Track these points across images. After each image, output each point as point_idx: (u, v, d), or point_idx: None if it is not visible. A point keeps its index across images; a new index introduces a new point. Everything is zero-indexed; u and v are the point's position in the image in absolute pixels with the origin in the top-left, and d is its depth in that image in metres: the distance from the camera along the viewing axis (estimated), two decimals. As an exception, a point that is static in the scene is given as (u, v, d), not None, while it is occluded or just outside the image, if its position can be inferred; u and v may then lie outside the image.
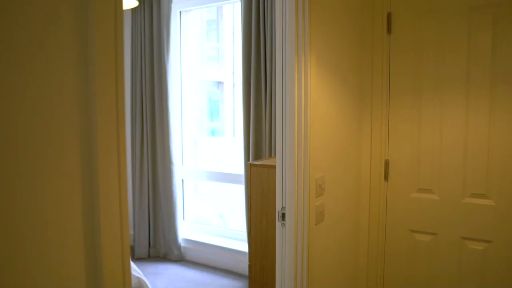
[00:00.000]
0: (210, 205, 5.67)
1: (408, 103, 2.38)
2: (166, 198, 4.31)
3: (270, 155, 3.40)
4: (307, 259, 1.83)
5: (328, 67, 2.02)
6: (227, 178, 4.15)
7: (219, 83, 9.53)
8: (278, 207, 1.85)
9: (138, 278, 2.39)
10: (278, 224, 1.86)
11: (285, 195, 1.83)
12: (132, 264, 2.82)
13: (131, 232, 4.69)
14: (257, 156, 3.60)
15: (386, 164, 2.45)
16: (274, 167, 2.44)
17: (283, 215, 1.84)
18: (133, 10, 4.30)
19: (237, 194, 4.48)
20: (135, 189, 4.44)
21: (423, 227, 2.38)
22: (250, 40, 3.60)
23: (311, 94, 1.85)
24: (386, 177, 2.45)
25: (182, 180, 4.55)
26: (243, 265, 3.88)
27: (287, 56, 1.80)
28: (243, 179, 3.78)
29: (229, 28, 6.48)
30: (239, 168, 4.18)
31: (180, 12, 4.34)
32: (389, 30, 2.41)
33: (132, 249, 4.50)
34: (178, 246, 4.31)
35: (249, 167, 2.71)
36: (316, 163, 1.92)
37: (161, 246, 4.42)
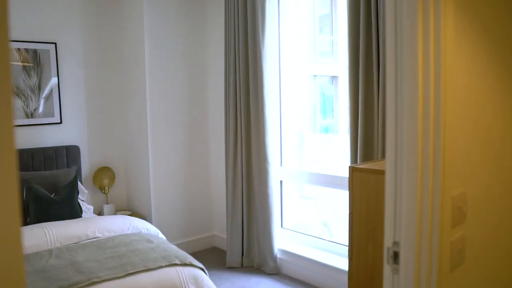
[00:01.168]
0: (314, 211, 5.03)
1: None
2: (261, 201, 3.78)
3: (383, 156, 2.66)
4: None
5: (477, 22, 1.27)
6: (333, 182, 3.48)
7: (333, 78, 8.76)
8: (387, 242, 1.17)
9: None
10: (387, 268, 1.17)
11: (400, 223, 1.14)
12: (210, 283, 2.32)
13: (224, 236, 4.27)
14: (367, 157, 2.88)
15: None
16: (384, 172, 1.72)
17: (396, 255, 1.15)
18: (229, -10, 3.85)
19: (346, 200, 3.78)
20: (228, 190, 4.00)
21: None
22: (358, 23, 2.89)
23: (447, 64, 1.13)
24: None
25: (281, 181, 3.99)
26: (348, 289, 3.19)
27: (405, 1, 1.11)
28: (349, 184, 3.08)
29: (343, 20, 5.69)
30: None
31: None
32: None
33: (224, 255, 4.07)
34: (274, 258, 3.76)
35: (350, 172, 2.03)
36: (453, 173, 1.19)
37: (255, 255, 3.92)
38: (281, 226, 4.02)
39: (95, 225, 2.98)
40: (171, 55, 4.19)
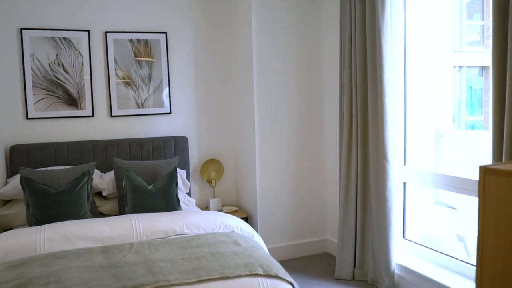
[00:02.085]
0: (449, 222, 4.19)
1: None
2: (378, 206, 3.20)
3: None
4: None
5: None
6: (471, 187, 2.74)
7: (483, 69, 7.49)
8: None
9: None
10: None
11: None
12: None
13: (335, 241, 3.77)
14: (516, 157, 2.14)
15: None
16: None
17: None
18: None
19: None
20: (341, 190, 3.49)
21: None
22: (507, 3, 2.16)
23: None
24: None
25: (404, 183, 3.35)
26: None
27: None
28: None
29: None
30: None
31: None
32: None
33: (333, 263, 3.58)
34: (391, 274, 3.15)
35: (482, 174, 1.40)
36: None
37: (369, 268, 3.35)
38: (403, 237, 3.37)
39: (184, 221, 2.76)
40: (281, 46, 3.83)
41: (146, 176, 3.27)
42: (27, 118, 3.52)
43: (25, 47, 3.48)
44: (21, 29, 3.47)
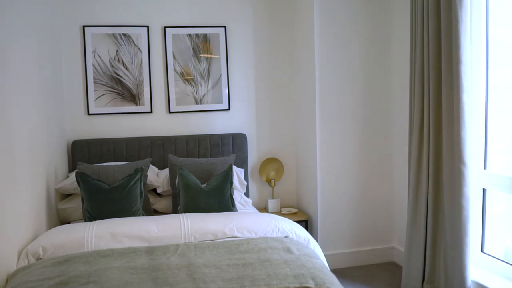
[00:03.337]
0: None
1: None
2: (452, 214, 2.84)
3: None
4: None
5: None
6: None
7: None
8: None
9: None
10: None
11: None
12: None
13: (403, 250, 3.44)
14: None
15: None
16: None
17: None
18: None
19: None
20: (410, 195, 3.17)
21: None
22: None
23: None
24: None
25: (483, 190, 2.95)
26: None
27: None
28: None
29: None
30: None
31: None
32: None
33: (399, 274, 3.26)
34: (466, 292, 2.79)
35: None
36: None
37: (440, 284, 2.99)
38: (481, 251, 2.98)
39: (235, 223, 2.61)
40: (345, 40, 3.57)
41: (200, 174, 3.18)
42: (88, 113, 3.58)
43: (87, 44, 3.53)
44: (84, 26, 3.52)
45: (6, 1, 2.32)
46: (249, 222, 2.65)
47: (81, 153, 3.47)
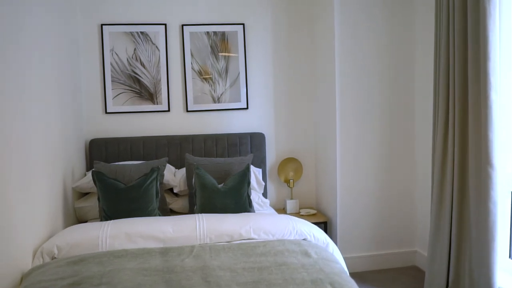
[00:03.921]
0: None
1: None
2: (479, 218, 2.71)
3: None
4: None
5: None
6: None
7: None
8: None
9: None
10: None
11: None
12: None
13: (425, 254, 3.32)
14: None
15: None
16: None
17: None
18: None
19: None
20: (433, 198, 3.05)
21: None
22: None
23: None
24: None
25: (512, 193, 2.82)
26: None
27: None
28: None
29: None
30: None
31: None
32: None
33: (422, 279, 3.14)
34: (493, 301, 2.66)
35: None
36: None
37: (465, 290, 2.87)
38: (509, 257, 2.85)
39: (252, 224, 2.55)
40: (365, 37, 3.47)
41: (217, 174, 3.12)
42: (106, 112, 3.57)
43: (105, 43, 3.52)
44: (102, 24, 3.51)
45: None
46: (266, 223, 2.58)
47: (99, 151, 3.47)
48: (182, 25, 3.63)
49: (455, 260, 2.91)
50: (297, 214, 3.67)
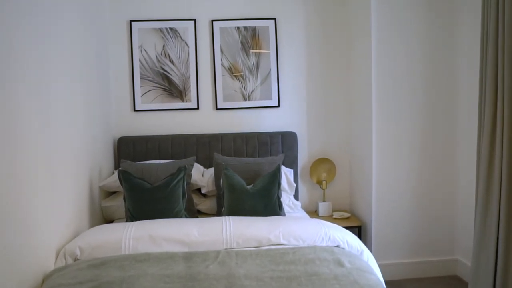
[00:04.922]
0: None
1: None
2: (530, 228, 2.48)
3: None
4: None
5: None
6: None
7: None
8: None
9: None
10: None
11: None
12: None
13: (468, 263, 3.09)
14: None
15: None
16: None
17: None
18: None
19: None
20: (478, 204, 2.83)
21: None
22: None
23: None
24: None
25: None
26: None
27: None
28: None
29: None
30: None
31: None
32: None
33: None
34: (545, 318, 2.42)
35: None
36: None
37: (513, 302, 2.64)
38: None
39: (282, 229, 2.41)
40: (404, 34, 3.27)
41: (247, 175, 3.00)
42: (135, 110, 3.51)
43: (134, 39, 3.46)
44: (131, 21, 3.45)
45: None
46: (296, 228, 2.44)
47: (127, 150, 3.41)
48: (212, 20, 3.53)
49: (502, 272, 2.68)
50: (330, 217, 3.51)
